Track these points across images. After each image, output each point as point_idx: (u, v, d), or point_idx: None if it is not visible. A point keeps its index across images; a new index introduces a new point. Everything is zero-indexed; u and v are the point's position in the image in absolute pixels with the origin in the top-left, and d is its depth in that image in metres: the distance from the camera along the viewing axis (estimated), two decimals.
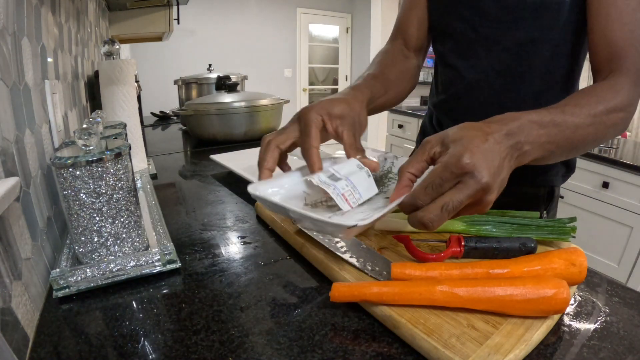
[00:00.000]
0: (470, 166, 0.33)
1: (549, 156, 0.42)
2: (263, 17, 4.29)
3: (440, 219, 0.33)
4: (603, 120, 0.45)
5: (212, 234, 0.55)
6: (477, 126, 0.37)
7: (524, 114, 0.40)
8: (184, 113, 1.11)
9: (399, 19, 0.72)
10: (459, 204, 0.33)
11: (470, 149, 0.33)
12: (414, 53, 0.71)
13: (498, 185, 0.35)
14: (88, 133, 0.40)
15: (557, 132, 0.40)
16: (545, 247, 0.44)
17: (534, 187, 0.67)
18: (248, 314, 0.37)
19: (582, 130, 0.43)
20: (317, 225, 0.35)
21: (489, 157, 0.34)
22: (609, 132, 0.47)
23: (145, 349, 0.33)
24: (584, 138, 0.43)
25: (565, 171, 0.67)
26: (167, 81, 2.18)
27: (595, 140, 0.46)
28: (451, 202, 0.33)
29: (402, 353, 0.32)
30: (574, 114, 0.42)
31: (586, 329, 0.35)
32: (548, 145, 0.40)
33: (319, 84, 5.09)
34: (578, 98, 0.45)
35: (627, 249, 1.71)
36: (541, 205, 0.67)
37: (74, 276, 0.40)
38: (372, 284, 0.35)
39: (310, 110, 0.45)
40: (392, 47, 0.71)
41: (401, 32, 0.71)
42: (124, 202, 0.43)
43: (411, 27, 0.70)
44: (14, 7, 0.43)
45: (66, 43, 0.73)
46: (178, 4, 1.53)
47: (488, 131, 0.36)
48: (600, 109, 0.44)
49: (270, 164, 0.45)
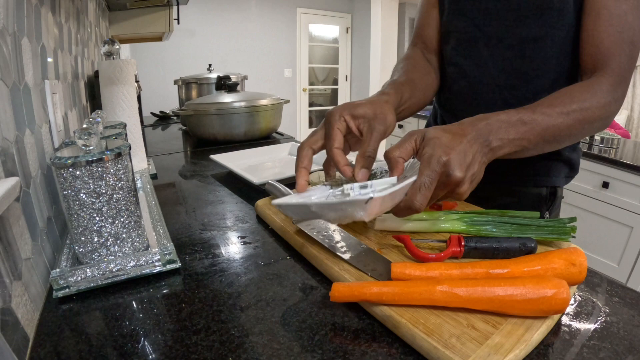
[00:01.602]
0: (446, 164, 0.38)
1: (523, 151, 0.46)
2: (263, 17, 4.29)
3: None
4: (576, 117, 0.47)
5: (212, 234, 0.55)
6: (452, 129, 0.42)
7: (494, 114, 0.44)
8: (184, 113, 1.11)
9: (417, 23, 0.73)
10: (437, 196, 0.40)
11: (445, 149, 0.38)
12: (435, 55, 0.71)
13: (469, 178, 0.40)
14: (88, 133, 0.40)
15: (526, 129, 0.44)
16: (545, 247, 0.44)
17: (536, 188, 0.66)
18: (248, 314, 0.37)
19: (554, 127, 0.46)
20: (338, 210, 0.37)
21: (461, 156, 0.39)
22: (585, 129, 0.49)
23: (145, 349, 0.33)
24: (556, 135, 0.47)
25: (569, 171, 0.67)
26: (167, 81, 2.18)
27: (570, 135, 0.49)
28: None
29: (402, 353, 0.32)
30: (545, 113, 0.46)
31: (586, 329, 0.35)
32: (518, 141, 0.44)
33: (319, 84, 5.08)
34: (552, 98, 0.48)
35: (627, 249, 1.71)
36: (543, 206, 0.67)
37: (74, 276, 0.40)
38: (372, 284, 0.35)
39: (333, 112, 0.48)
40: (414, 52, 0.71)
41: (420, 36, 0.72)
42: (124, 202, 0.43)
43: (429, 29, 0.70)
44: (14, 7, 0.43)
45: (66, 43, 0.73)
46: (178, 4, 1.53)
47: (461, 133, 0.41)
48: (573, 108, 0.47)
49: (305, 162, 0.47)
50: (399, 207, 0.39)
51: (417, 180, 0.38)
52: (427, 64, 0.70)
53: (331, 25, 4.84)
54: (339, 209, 0.37)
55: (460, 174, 0.38)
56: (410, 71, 0.65)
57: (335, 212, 0.38)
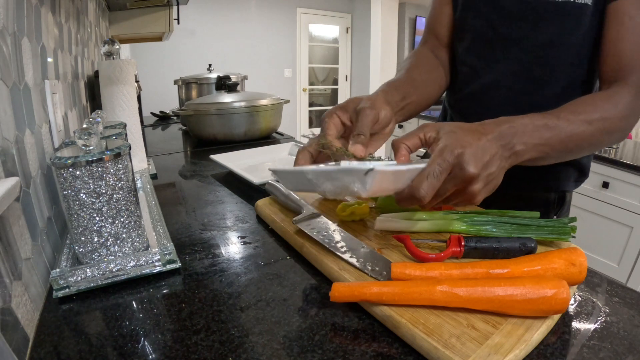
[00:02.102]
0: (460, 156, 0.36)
1: (545, 157, 0.44)
2: (263, 17, 4.29)
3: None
4: (598, 127, 0.46)
5: (212, 234, 0.55)
6: (472, 127, 0.39)
7: (518, 117, 0.42)
8: (184, 113, 1.11)
9: (429, 19, 0.71)
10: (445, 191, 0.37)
11: (461, 142, 0.36)
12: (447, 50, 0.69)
13: (485, 178, 0.37)
14: (88, 133, 0.40)
15: (550, 135, 0.43)
16: (545, 247, 0.44)
17: (545, 192, 0.65)
18: (248, 314, 0.37)
19: (576, 136, 0.44)
20: (334, 179, 0.35)
21: (479, 152, 0.37)
22: (605, 140, 0.48)
23: (145, 349, 0.33)
24: (579, 143, 0.45)
25: (578, 176, 0.66)
26: (167, 81, 2.18)
27: (591, 145, 0.47)
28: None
29: (402, 353, 0.32)
30: (569, 120, 0.44)
31: (586, 329, 0.35)
32: (541, 147, 0.42)
33: (319, 84, 5.08)
34: (574, 105, 0.47)
35: (627, 249, 1.71)
36: (551, 211, 0.66)
37: (74, 276, 0.40)
38: (372, 284, 0.35)
39: (327, 112, 0.49)
40: (420, 50, 0.70)
41: (432, 31, 0.70)
42: (124, 202, 0.43)
43: (441, 26, 0.69)
44: (14, 7, 0.43)
45: (66, 43, 0.73)
46: (178, 4, 1.53)
47: (482, 131, 0.39)
48: (595, 117, 0.46)
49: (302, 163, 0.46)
50: (402, 194, 0.37)
51: (425, 168, 0.36)
52: (434, 60, 0.68)
53: (331, 25, 4.84)
54: (335, 177, 0.35)
55: (475, 170, 0.36)
56: (411, 69, 0.64)
57: (331, 181, 0.36)
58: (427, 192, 0.36)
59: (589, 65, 0.57)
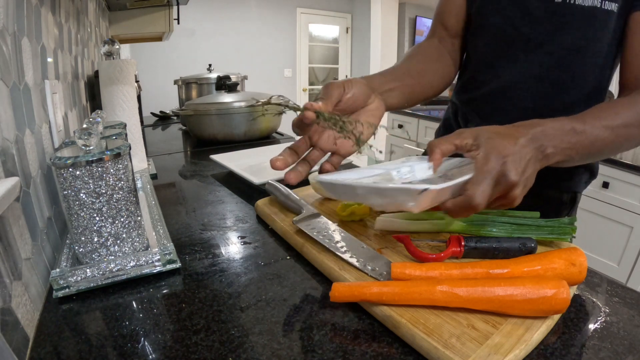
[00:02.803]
0: (504, 164, 0.37)
1: (569, 161, 0.45)
2: (263, 17, 4.29)
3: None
4: (620, 133, 0.46)
5: (212, 234, 0.55)
6: (507, 131, 0.41)
7: (548, 120, 0.43)
8: (184, 113, 1.11)
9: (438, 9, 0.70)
10: (491, 197, 0.38)
11: (502, 150, 0.38)
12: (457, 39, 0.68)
13: (523, 183, 0.39)
14: (88, 133, 0.40)
15: (577, 140, 0.43)
16: (545, 247, 0.44)
17: (558, 192, 0.66)
18: (248, 314, 0.37)
19: (600, 142, 0.45)
20: (386, 197, 0.36)
21: (517, 159, 0.38)
22: (624, 145, 0.49)
23: (145, 349, 0.33)
24: (601, 148, 0.46)
25: (589, 177, 0.66)
26: (167, 81, 2.18)
27: (611, 150, 0.48)
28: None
29: (402, 353, 0.32)
30: (593, 125, 0.45)
31: (586, 329, 0.35)
32: (568, 150, 0.43)
33: (319, 84, 5.08)
34: (597, 111, 0.47)
35: (627, 249, 1.71)
36: (564, 211, 0.67)
37: (74, 276, 0.40)
38: (372, 284, 0.35)
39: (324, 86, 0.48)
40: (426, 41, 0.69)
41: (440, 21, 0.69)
42: (124, 202, 0.43)
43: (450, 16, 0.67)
44: (14, 7, 0.43)
45: (66, 43, 0.73)
46: (178, 4, 1.53)
47: (516, 135, 0.40)
48: (618, 123, 0.46)
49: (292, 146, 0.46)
50: (456, 205, 0.38)
51: (475, 177, 0.37)
52: (439, 51, 0.67)
53: (331, 25, 4.84)
54: (388, 195, 0.35)
55: (516, 177, 0.37)
56: (409, 59, 0.63)
57: (382, 198, 0.36)
58: (483, 200, 0.36)
59: (610, 72, 0.56)
